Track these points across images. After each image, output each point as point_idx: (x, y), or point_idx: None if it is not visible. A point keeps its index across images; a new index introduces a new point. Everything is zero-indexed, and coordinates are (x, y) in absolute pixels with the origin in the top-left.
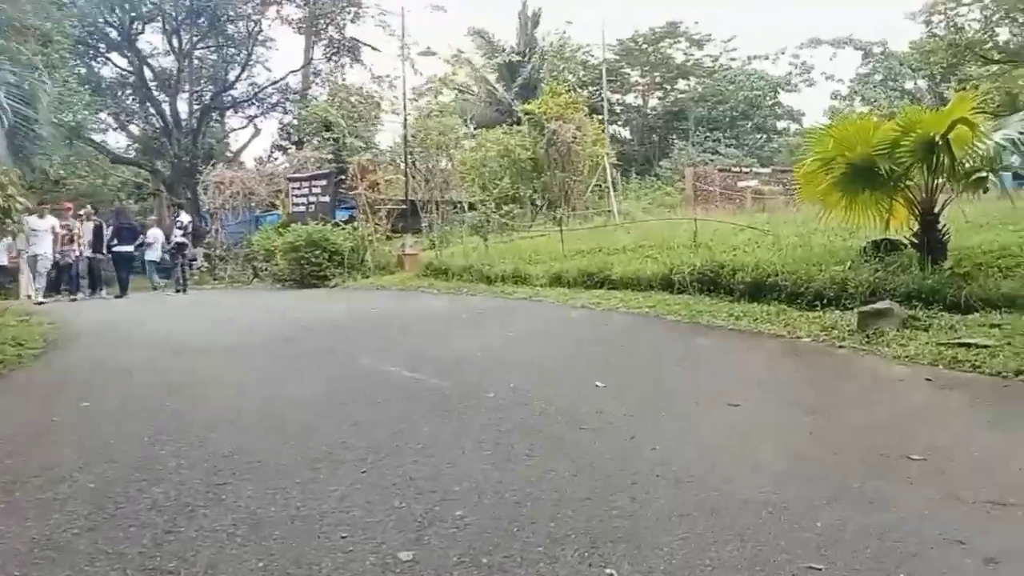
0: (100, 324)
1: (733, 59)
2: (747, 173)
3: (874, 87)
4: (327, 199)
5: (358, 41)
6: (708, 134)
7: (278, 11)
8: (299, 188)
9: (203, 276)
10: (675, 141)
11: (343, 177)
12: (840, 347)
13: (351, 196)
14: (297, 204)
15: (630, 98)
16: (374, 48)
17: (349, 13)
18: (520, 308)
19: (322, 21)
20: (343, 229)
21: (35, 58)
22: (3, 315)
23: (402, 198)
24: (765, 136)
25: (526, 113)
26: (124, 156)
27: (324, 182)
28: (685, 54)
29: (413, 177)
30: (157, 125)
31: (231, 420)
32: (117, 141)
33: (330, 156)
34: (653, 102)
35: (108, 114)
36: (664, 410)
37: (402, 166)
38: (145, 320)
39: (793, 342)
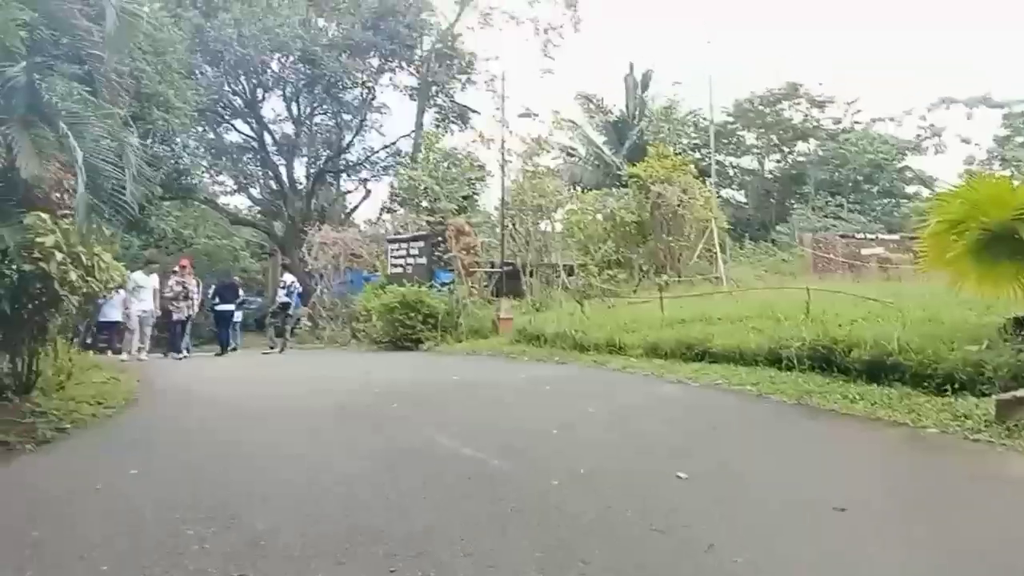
0: (185, 383)
1: (857, 122)
2: (872, 240)
3: (1015, 148)
4: (424, 261)
5: (466, 108)
6: (829, 198)
7: (391, 79)
8: (398, 249)
9: (305, 336)
10: (794, 205)
11: (441, 239)
12: (973, 440)
13: (446, 258)
14: (396, 265)
15: (745, 161)
16: (474, 111)
17: (459, 80)
18: (609, 381)
19: (434, 88)
20: (439, 291)
21: (122, 113)
22: (91, 370)
23: (504, 261)
24: (892, 201)
25: (631, 175)
26: (243, 217)
27: (422, 244)
28: (805, 115)
29: (513, 239)
30: (274, 187)
31: (269, 497)
32: (242, 203)
33: (430, 219)
34: (770, 165)
35: (229, 176)
36: (754, 512)
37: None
38: (231, 381)
39: (916, 432)
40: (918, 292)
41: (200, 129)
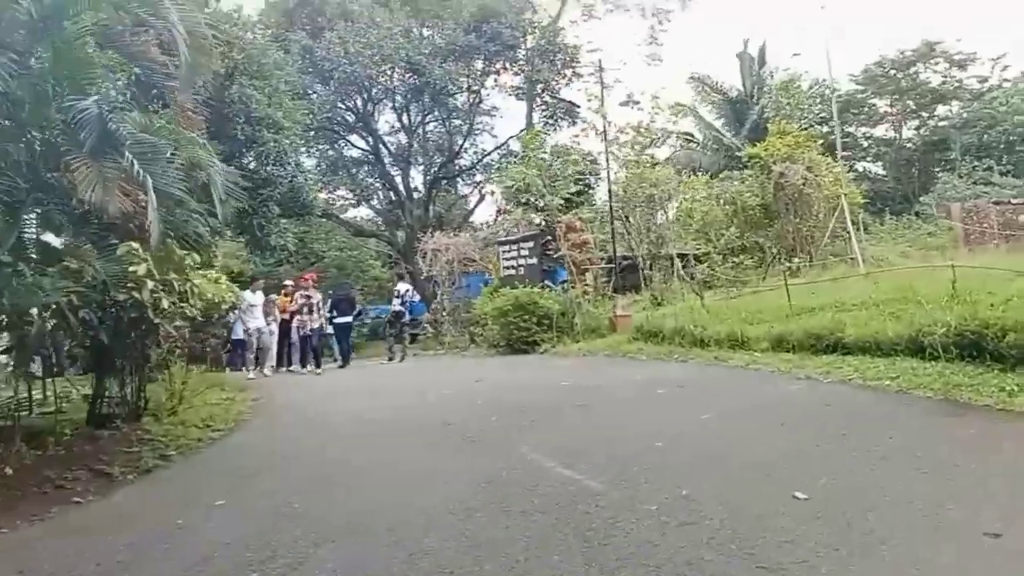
0: (299, 401)
1: (1006, 79)
2: None
3: None
4: (535, 261)
5: (570, 103)
6: (977, 163)
7: (495, 80)
8: (508, 251)
9: (428, 342)
10: (938, 174)
11: (551, 238)
12: None
13: (556, 257)
14: (507, 267)
15: (880, 130)
16: (576, 105)
17: (564, 77)
18: (730, 379)
19: (539, 86)
20: (553, 291)
21: (201, 139)
22: (210, 390)
23: (620, 255)
24: None
25: (750, 156)
26: (364, 229)
27: (531, 244)
28: (944, 77)
29: (628, 233)
30: (393, 198)
31: (348, 532)
32: (366, 215)
33: (542, 217)
34: (908, 132)
35: (347, 190)
36: (885, 541)
37: (615, 222)
38: (344, 395)
39: None
40: None
41: (316, 147)
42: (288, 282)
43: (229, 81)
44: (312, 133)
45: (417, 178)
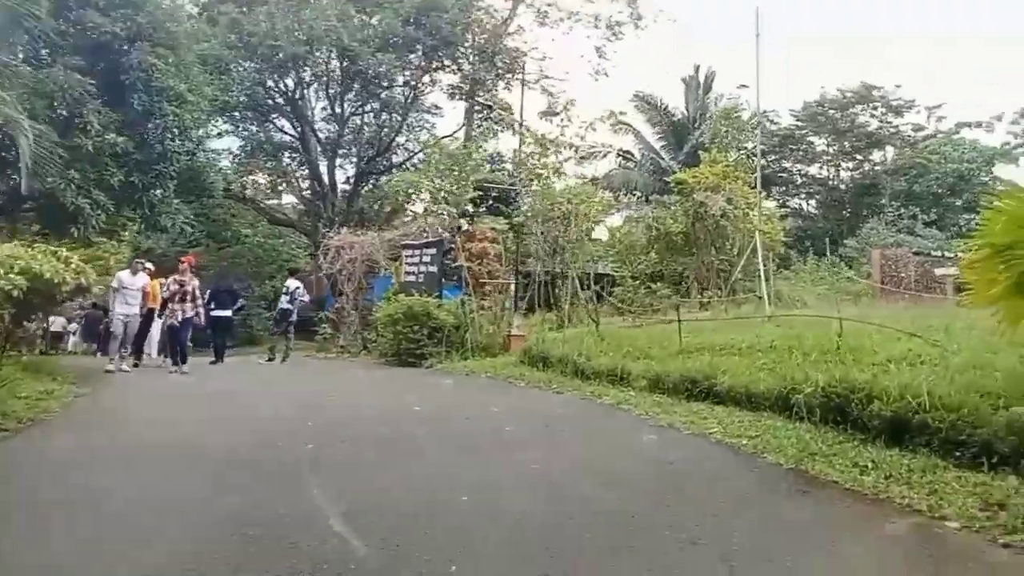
0: (124, 403)
1: (940, 130)
2: (950, 259)
3: None
4: (435, 269)
5: (488, 107)
6: (904, 210)
7: (431, 78)
8: (411, 256)
9: (324, 343)
10: (867, 218)
11: (452, 246)
12: (1002, 546)
13: (454, 267)
14: (408, 272)
15: (815, 168)
16: (498, 109)
17: (503, 80)
18: (588, 421)
19: (477, 89)
20: (451, 302)
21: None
22: (32, 381)
23: (530, 271)
24: (979, 216)
25: (677, 182)
26: (280, 217)
27: (434, 251)
28: (881, 121)
29: (541, 248)
30: (316, 188)
31: None
32: (294, 202)
33: (445, 223)
34: (843, 173)
35: (265, 175)
36: None
37: (530, 236)
38: (178, 400)
39: (931, 526)
40: (976, 327)
41: (242, 128)
42: (148, 264)
43: (128, 46)
44: (237, 113)
45: (349, 169)
